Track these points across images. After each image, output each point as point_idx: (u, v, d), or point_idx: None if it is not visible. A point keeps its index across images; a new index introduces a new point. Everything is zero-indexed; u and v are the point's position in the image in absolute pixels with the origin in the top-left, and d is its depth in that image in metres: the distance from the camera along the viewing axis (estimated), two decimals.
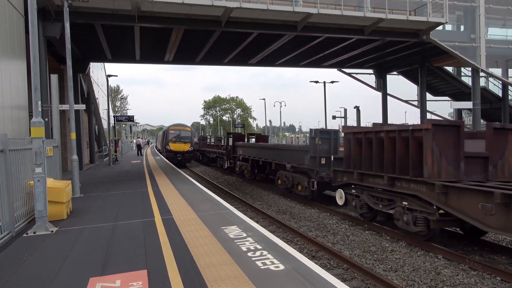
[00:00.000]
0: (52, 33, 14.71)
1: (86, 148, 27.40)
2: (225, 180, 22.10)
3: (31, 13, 7.37)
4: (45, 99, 13.86)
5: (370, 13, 17.75)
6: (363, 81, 30.68)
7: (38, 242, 6.36)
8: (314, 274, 4.59)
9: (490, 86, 28.67)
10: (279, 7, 16.22)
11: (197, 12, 15.93)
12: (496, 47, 24.54)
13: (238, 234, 6.46)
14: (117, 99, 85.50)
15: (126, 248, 5.84)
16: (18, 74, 11.46)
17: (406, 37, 19.87)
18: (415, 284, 6.27)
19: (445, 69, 26.30)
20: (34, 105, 7.32)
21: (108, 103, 32.57)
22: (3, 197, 6.47)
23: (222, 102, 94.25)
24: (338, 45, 21.22)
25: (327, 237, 9.30)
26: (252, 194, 16.38)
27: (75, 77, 20.53)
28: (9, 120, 10.45)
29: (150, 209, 9.00)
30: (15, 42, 11.26)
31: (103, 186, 13.77)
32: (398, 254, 7.76)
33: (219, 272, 4.69)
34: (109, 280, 4.54)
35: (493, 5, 24.35)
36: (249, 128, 78.30)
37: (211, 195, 10.92)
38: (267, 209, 12.98)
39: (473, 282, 6.28)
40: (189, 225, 7.17)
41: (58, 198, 7.98)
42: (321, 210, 12.41)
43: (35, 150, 7.09)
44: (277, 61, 25.55)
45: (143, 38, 19.19)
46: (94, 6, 14.59)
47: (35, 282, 4.57)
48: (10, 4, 10.91)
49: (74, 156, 11.97)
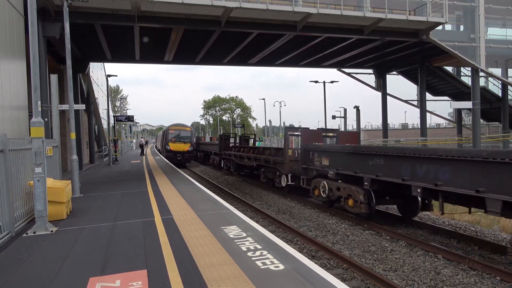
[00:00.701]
0: (51, 33, 14.72)
1: (86, 148, 27.40)
2: (224, 180, 22.09)
3: (30, 13, 7.36)
4: (45, 99, 13.86)
5: (370, 13, 17.75)
6: (363, 81, 30.71)
7: (38, 242, 6.36)
8: (314, 274, 4.59)
9: (489, 86, 28.69)
10: (278, 7, 16.23)
11: (197, 12, 15.93)
12: (495, 47, 24.54)
13: (238, 234, 6.46)
14: (117, 99, 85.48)
15: (126, 248, 5.84)
16: (18, 74, 11.45)
17: (406, 37, 19.88)
18: (414, 284, 6.27)
19: (444, 69, 26.33)
20: (34, 105, 7.32)
21: (108, 103, 32.59)
22: (3, 197, 6.47)
23: (222, 102, 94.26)
24: (337, 45, 21.23)
25: (327, 237, 9.30)
26: (252, 194, 16.37)
27: (74, 77, 20.54)
28: (9, 120, 10.45)
29: (150, 209, 9.00)
30: (15, 42, 11.26)
31: (103, 186, 13.77)
32: (398, 254, 7.76)
33: (219, 272, 4.69)
34: (109, 280, 4.54)
35: (493, 5, 24.35)
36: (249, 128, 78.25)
37: (211, 195, 10.92)
38: (267, 209, 12.97)
39: (472, 282, 6.28)
40: (189, 225, 7.17)
41: (58, 198, 7.98)
42: (320, 210, 12.41)
43: (35, 150, 7.08)
44: (277, 61, 25.56)
45: (142, 38, 19.20)
46: (93, 6, 14.60)
47: (35, 282, 4.57)
48: (10, 4, 10.90)
49: (74, 156, 11.97)
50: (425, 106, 25.84)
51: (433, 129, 54.70)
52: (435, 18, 18.88)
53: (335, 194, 11.06)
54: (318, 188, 11.97)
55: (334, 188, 11.07)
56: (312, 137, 13.70)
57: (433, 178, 7.62)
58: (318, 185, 11.97)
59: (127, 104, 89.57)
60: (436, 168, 7.60)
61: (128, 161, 28.35)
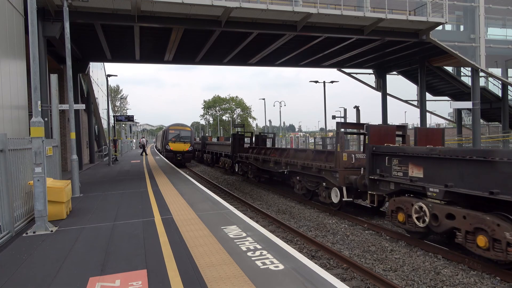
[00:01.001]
0: (51, 33, 14.70)
1: (86, 148, 27.40)
2: (224, 180, 22.08)
3: (30, 13, 7.36)
4: (45, 99, 13.86)
5: (370, 13, 17.74)
6: (362, 81, 30.69)
7: (37, 241, 6.36)
8: (313, 274, 4.59)
9: (489, 86, 28.68)
10: (278, 7, 16.21)
11: (197, 12, 15.92)
12: (495, 47, 24.51)
13: (237, 233, 6.46)
14: (116, 99, 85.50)
15: (126, 248, 5.84)
16: (18, 74, 11.45)
17: (406, 37, 19.87)
18: (414, 284, 6.27)
19: (444, 69, 26.32)
20: (33, 104, 7.32)
21: (108, 103, 32.59)
22: (3, 197, 6.47)
23: (222, 102, 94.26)
24: (337, 45, 21.23)
25: (327, 237, 9.30)
26: (252, 194, 16.37)
27: (74, 77, 20.53)
28: (9, 119, 10.44)
29: (149, 209, 9.00)
30: (15, 42, 11.25)
31: (103, 186, 13.77)
32: (398, 254, 7.76)
33: (218, 271, 4.69)
34: (108, 279, 4.54)
35: (493, 5, 24.33)
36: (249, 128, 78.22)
37: (210, 195, 10.92)
38: (266, 209, 12.97)
39: (472, 282, 6.28)
40: (188, 225, 7.17)
41: (57, 198, 7.98)
42: (320, 210, 12.41)
43: (34, 149, 7.09)
44: (276, 61, 25.55)
45: (142, 38, 19.19)
46: (93, 6, 14.59)
47: (35, 281, 4.57)
48: (10, 4, 10.90)
49: (74, 155, 11.97)
50: (425, 106, 25.83)
51: None
52: (435, 18, 18.86)
53: (443, 225, 7.28)
54: (405, 212, 8.30)
55: (441, 214, 7.31)
56: (383, 136, 9.94)
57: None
58: (406, 207, 8.26)
59: (127, 104, 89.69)
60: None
61: (128, 161, 28.35)
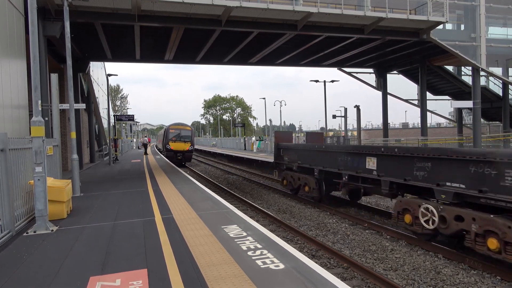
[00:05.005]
0: (52, 33, 14.70)
1: (86, 147, 27.40)
2: (225, 180, 22.09)
3: (31, 12, 7.36)
4: (45, 98, 13.85)
5: (370, 12, 17.72)
6: (363, 80, 30.67)
7: (38, 241, 6.36)
8: (314, 273, 4.59)
9: (490, 85, 28.68)
10: (279, 6, 16.20)
11: (197, 11, 15.91)
12: (496, 46, 24.49)
13: (238, 233, 6.46)
14: (117, 98, 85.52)
15: (126, 247, 5.84)
16: (18, 73, 11.45)
17: (407, 36, 19.86)
18: (415, 283, 6.27)
19: (445, 68, 26.30)
20: (34, 104, 7.32)
21: (108, 102, 32.57)
22: (3, 196, 6.47)
23: (222, 101, 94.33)
24: (338, 44, 21.21)
25: (327, 236, 9.30)
26: (252, 194, 16.37)
27: (75, 76, 20.54)
28: (9, 119, 10.44)
29: (150, 208, 9.00)
30: (15, 41, 11.25)
31: (103, 185, 13.77)
32: (398, 253, 7.76)
33: (219, 271, 4.69)
34: (109, 279, 4.54)
35: (494, 4, 24.29)
36: (249, 128, 78.25)
37: (211, 194, 10.91)
38: (267, 208, 12.97)
39: (473, 281, 6.28)
40: (189, 224, 7.17)
41: (58, 197, 7.98)
42: (321, 210, 12.41)
43: (35, 149, 7.09)
44: (277, 60, 25.54)
45: (143, 37, 19.19)
46: (94, 5, 14.58)
47: (35, 281, 4.57)
48: (10, 3, 10.89)
49: (74, 155, 11.97)
50: (426, 106, 25.83)
51: (433, 129, 54.71)
52: (435, 17, 18.84)
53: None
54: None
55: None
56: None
57: None
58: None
59: (127, 103, 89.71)
60: None
61: (129, 161, 28.36)
